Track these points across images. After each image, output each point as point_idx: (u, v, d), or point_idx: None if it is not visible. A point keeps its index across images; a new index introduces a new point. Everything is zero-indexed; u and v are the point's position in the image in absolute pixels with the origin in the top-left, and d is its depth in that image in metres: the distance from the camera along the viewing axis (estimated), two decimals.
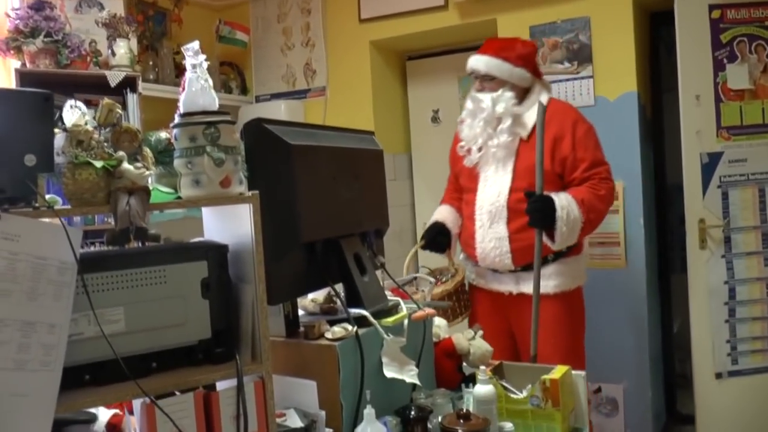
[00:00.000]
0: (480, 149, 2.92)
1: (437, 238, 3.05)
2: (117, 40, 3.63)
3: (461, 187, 3.11)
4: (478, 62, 2.95)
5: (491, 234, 2.87)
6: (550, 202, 2.70)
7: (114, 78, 3.58)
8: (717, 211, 3.45)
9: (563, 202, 2.71)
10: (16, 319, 1.31)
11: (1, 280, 1.28)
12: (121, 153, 1.38)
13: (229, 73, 4.82)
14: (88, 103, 3.70)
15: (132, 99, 3.68)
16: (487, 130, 2.88)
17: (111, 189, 1.37)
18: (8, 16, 3.38)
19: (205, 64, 1.51)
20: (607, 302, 3.71)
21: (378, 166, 2.19)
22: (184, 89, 1.53)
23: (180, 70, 4.42)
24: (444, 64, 4.64)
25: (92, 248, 2.62)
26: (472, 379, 2.08)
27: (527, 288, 2.85)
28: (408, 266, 3.01)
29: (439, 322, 2.25)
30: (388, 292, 2.14)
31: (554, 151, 2.82)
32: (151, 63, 4.21)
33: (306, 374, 1.76)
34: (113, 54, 3.64)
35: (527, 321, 2.81)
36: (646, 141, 3.82)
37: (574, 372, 2.03)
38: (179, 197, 1.55)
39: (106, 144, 1.39)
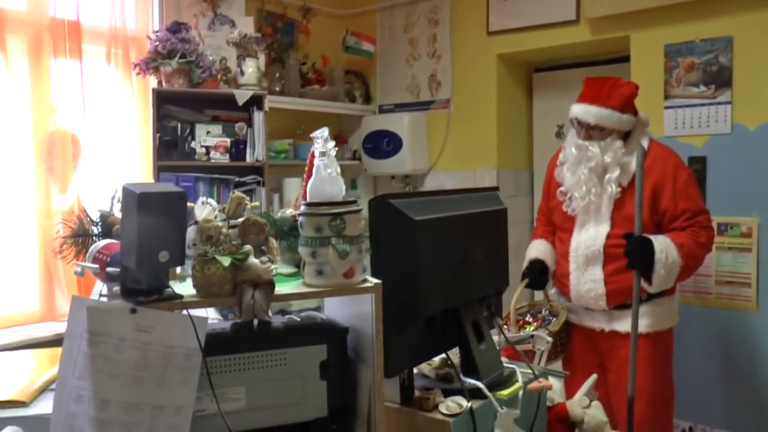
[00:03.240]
0: (582, 197, 2.89)
1: (539, 277, 3.04)
2: (246, 59, 3.73)
3: (555, 222, 3.11)
4: (587, 114, 2.88)
5: (587, 276, 2.91)
6: (649, 245, 2.68)
7: (241, 97, 3.69)
8: None
9: (662, 245, 2.70)
10: (147, 403, 1.38)
11: (135, 368, 1.35)
12: (248, 247, 1.41)
13: (354, 82, 4.85)
14: (217, 119, 3.83)
15: (258, 116, 3.78)
16: (592, 178, 2.86)
17: (237, 281, 1.41)
18: (149, 38, 3.53)
19: (334, 152, 1.52)
20: (735, 345, 3.53)
21: (501, 225, 2.14)
22: (310, 175, 1.54)
23: (306, 80, 4.49)
24: (572, 78, 4.46)
25: None
26: None
27: (619, 326, 2.89)
28: (516, 303, 2.95)
29: (554, 385, 2.20)
30: (503, 358, 2.11)
31: (654, 201, 2.80)
32: (277, 75, 4.29)
33: None
34: (242, 73, 3.74)
35: (618, 358, 2.89)
36: None
37: None
38: (301, 278, 1.58)
39: (233, 236, 1.43)
